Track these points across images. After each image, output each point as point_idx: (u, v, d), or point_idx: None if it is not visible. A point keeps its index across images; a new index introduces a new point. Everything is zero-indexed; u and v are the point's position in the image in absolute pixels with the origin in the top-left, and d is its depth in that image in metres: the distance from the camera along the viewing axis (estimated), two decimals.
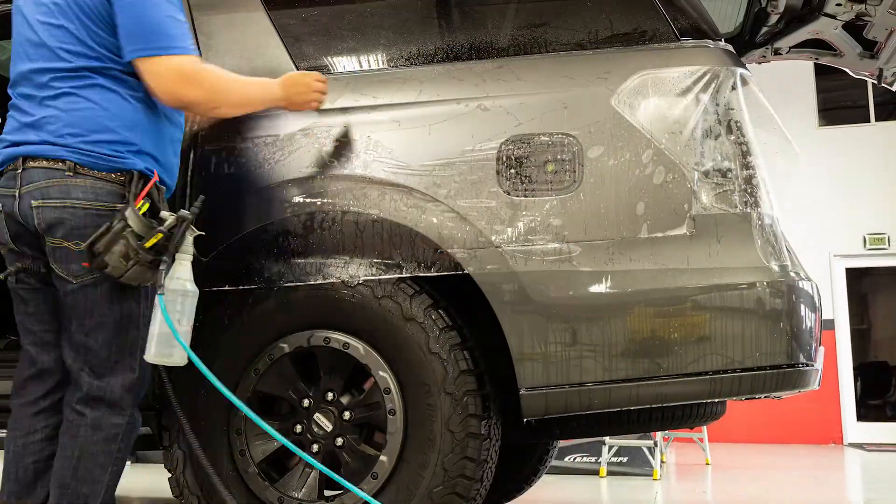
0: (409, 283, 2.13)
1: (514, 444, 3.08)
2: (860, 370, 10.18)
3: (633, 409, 2.24)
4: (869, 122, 10.47)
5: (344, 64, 2.44)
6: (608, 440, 5.81)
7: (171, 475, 2.24)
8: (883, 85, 3.25)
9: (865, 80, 3.33)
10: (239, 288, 2.18)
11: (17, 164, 1.91)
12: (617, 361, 1.99)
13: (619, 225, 2.04)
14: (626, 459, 6.05)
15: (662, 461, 6.36)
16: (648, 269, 2.01)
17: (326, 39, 2.46)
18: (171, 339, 1.84)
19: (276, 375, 2.21)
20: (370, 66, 2.41)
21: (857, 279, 10.36)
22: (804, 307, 2.04)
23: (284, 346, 2.19)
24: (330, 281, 2.13)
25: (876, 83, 3.26)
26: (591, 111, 2.11)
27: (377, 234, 2.13)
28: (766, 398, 2.17)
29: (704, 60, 2.13)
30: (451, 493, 2.04)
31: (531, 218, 2.06)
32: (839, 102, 10.73)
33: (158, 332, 1.84)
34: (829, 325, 9.86)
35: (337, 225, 2.15)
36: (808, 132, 10.22)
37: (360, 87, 2.29)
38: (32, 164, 1.89)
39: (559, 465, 5.80)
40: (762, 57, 3.28)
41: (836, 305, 10.07)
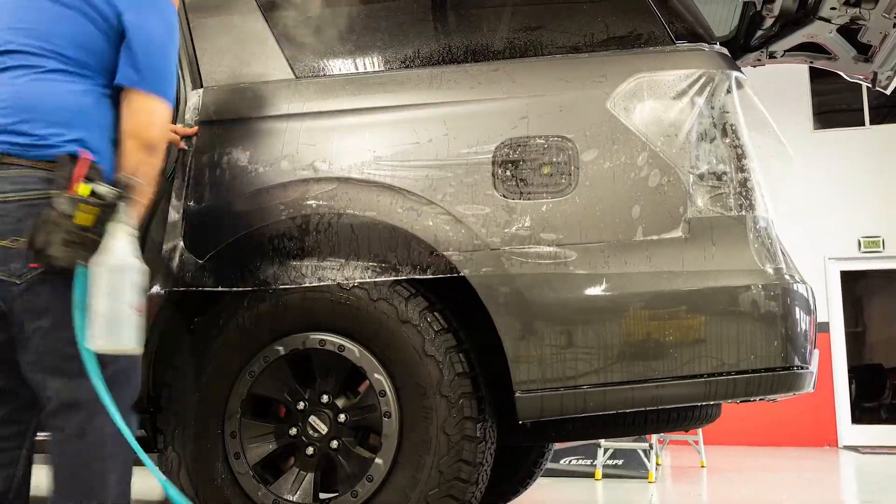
0: (404, 285, 2.13)
1: (509, 446, 3.08)
2: (855, 373, 10.19)
3: (628, 411, 2.24)
4: (863, 125, 10.50)
5: (340, 66, 2.44)
6: (603, 443, 5.81)
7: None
8: (877, 88, 3.26)
9: (860, 83, 3.34)
10: (234, 290, 2.18)
11: None
12: (612, 364, 1.99)
13: (614, 228, 2.04)
14: (621, 462, 6.06)
15: (658, 464, 6.36)
16: (644, 271, 2.01)
17: (322, 42, 2.45)
18: (118, 321, 1.64)
19: (271, 378, 2.21)
20: (366, 68, 2.41)
21: (851, 282, 10.38)
22: (799, 310, 2.04)
23: (280, 348, 2.19)
24: (325, 284, 2.13)
25: (870, 87, 3.27)
26: (586, 114, 2.12)
27: (373, 236, 2.13)
28: (761, 401, 2.17)
29: (700, 64, 2.14)
30: (446, 495, 2.04)
31: (527, 221, 2.06)
32: (834, 106, 10.75)
33: (104, 313, 1.64)
34: (823, 327, 9.88)
35: (333, 227, 2.15)
36: (803, 135, 10.24)
37: (355, 89, 2.29)
38: None
39: (554, 467, 5.80)
40: (757, 60, 3.29)
41: (830, 308, 10.09)
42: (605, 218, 2.05)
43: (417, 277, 2.10)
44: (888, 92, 3.29)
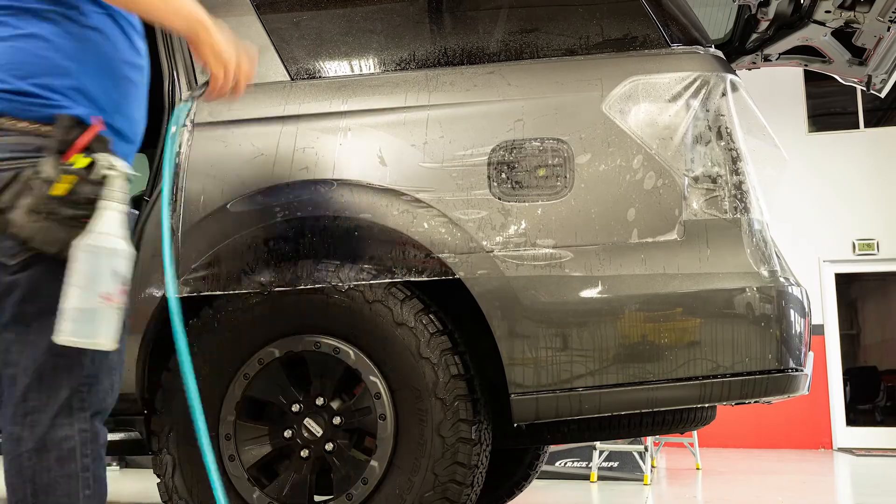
0: (399, 287, 2.13)
1: (504, 448, 3.08)
2: (849, 375, 10.22)
3: (623, 413, 2.24)
4: (858, 128, 10.54)
5: (335, 68, 2.43)
6: (599, 445, 5.82)
7: (159, 480, 2.23)
8: (872, 91, 3.27)
9: (854, 86, 3.35)
10: (230, 292, 2.17)
11: None
12: (607, 366, 1.99)
13: (609, 230, 2.05)
14: (616, 464, 6.06)
15: (653, 466, 6.37)
16: (639, 274, 2.02)
17: (318, 44, 2.45)
18: (89, 311, 1.42)
19: (266, 380, 2.20)
20: (361, 70, 2.41)
21: (846, 284, 10.42)
22: (793, 312, 2.05)
23: (275, 350, 2.18)
24: (321, 285, 2.13)
25: (865, 90, 3.28)
26: (582, 116, 2.12)
27: (368, 238, 2.13)
28: (755, 403, 2.18)
29: (695, 66, 2.14)
30: (441, 498, 2.03)
31: (522, 223, 2.06)
32: (829, 109, 10.79)
33: (75, 305, 1.42)
34: (818, 330, 9.90)
35: (328, 230, 2.15)
36: (797, 138, 10.28)
37: (351, 91, 2.29)
38: None
39: (550, 469, 5.80)
40: (752, 63, 3.30)
41: (825, 310, 10.12)
42: (600, 220, 2.05)
43: (413, 280, 2.10)
44: (882, 95, 3.30)
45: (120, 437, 2.35)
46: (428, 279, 2.07)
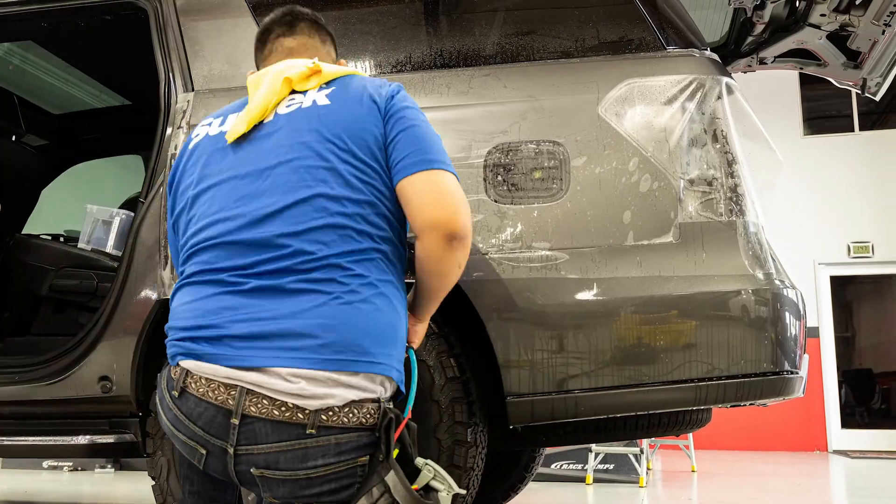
0: None
1: (500, 451, 3.07)
2: (844, 378, 10.24)
3: (619, 416, 2.24)
4: (853, 131, 10.56)
5: None
6: (594, 447, 5.81)
7: (154, 482, 2.22)
8: (866, 95, 3.27)
9: (849, 89, 3.36)
10: None
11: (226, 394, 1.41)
12: (603, 369, 1.99)
13: (605, 232, 2.05)
14: (612, 466, 6.06)
15: (648, 468, 6.37)
16: (634, 276, 2.02)
17: None
18: None
19: None
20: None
21: (841, 287, 10.43)
22: (789, 315, 2.05)
23: None
24: None
25: (860, 93, 3.28)
26: (578, 119, 2.12)
27: None
28: (751, 405, 2.18)
29: (690, 69, 2.15)
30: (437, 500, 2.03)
31: (518, 225, 2.06)
32: (824, 112, 10.82)
33: None
34: (813, 332, 9.93)
35: None
36: (792, 141, 10.30)
37: None
38: (254, 408, 1.39)
39: (545, 472, 5.80)
40: (747, 66, 3.30)
41: (820, 313, 10.14)
42: (596, 223, 2.05)
43: (408, 282, 2.09)
44: (877, 98, 3.31)
45: (114, 439, 2.34)
46: None
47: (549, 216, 2.06)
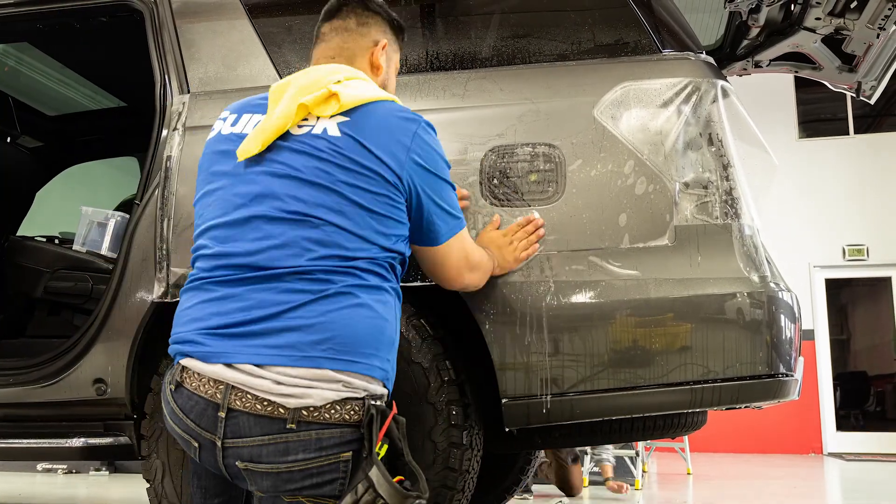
0: None
1: (495, 453, 3.07)
2: (839, 380, 10.27)
3: (614, 418, 2.24)
4: (848, 134, 10.60)
5: None
6: (590, 450, 5.82)
7: (149, 485, 2.22)
8: (861, 98, 3.28)
9: (844, 93, 3.37)
10: None
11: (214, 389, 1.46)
12: (598, 371, 1.99)
13: (601, 235, 2.05)
14: None
15: (644, 471, 6.38)
16: (630, 279, 2.02)
17: (309, 48, 2.45)
18: None
19: None
20: None
21: (836, 290, 10.46)
22: (784, 318, 2.05)
23: None
24: None
25: (854, 96, 3.29)
26: (573, 122, 2.12)
27: None
28: (746, 408, 2.18)
29: (686, 72, 2.15)
30: (433, 503, 2.03)
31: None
32: (819, 115, 10.85)
33: None
34: (808, 335, 9.95)
35: None
36: (788, 144, 10.33)
37: None
38: (239, 402, 1.44)
39: None
40: (743, 69, 3.31)
41: (815, 316, 10.17)
42: (591, 225, 2.05)
43: (404, 285, 2.09)
44: (872, 101, 3.32)
45: (109, 441, 2.34)
46: (419, 284, 2.07)
47: (544, 219, 2.06)
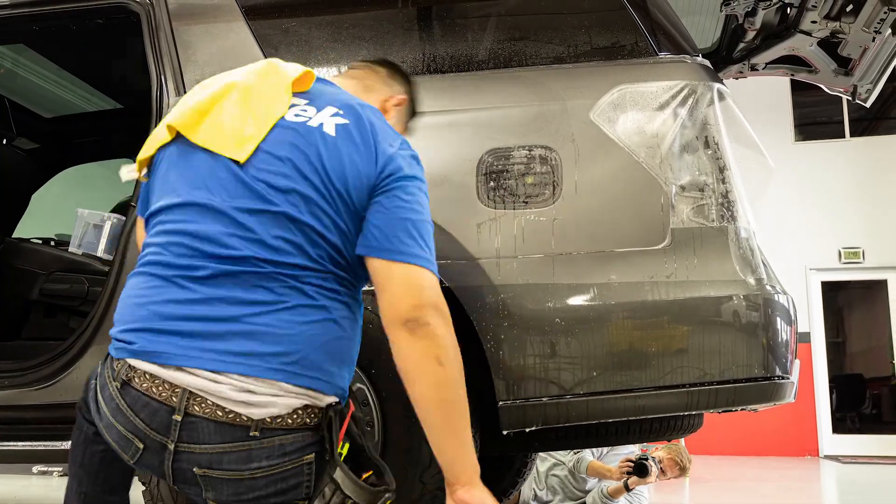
0: None
1: (492, 456, 3.07)
2: (835, 383, 10.28)
3: (611, 421, 2.24)
4: (844, 137, 10.62)
5: (323, 75, 2.42)
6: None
7: (144, 488, 2.21)
8: (857, 101, 3.29)
9: (840, 96, 3.38)
10: None
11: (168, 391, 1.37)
12: (595, 374, 1.99)
13: (597, 238, 2.05)
14: None
15: None
16: (626, 281, 2.02)
17: (306, 51, 2.45)
18: None
19: None
20: None
21: (832, 292, 10.48)
22: (780, 320, 2.06)
23: None
24: None
25: (850, 99, 3.30)
26: (570, 124, 2.12)
27: None
28: (742, 411, 2.18)
29: (682, 75, 2.15)
30: None
31: (510, 230, 2.06)
32: (815, 118, 10.87)
33: None
34: (804, 337, 9.96)
35: None
36: (784, 147, 10.35)
37: None
38: (198, 408, 1.36)
39: None
40: (739, 72, 3.32)
41: (811, 318, 10.18)
42: (587, 228, 2.06)
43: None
44: (868, 105, 3.33)
45: None
46: None
47: (541, 221, 2.06)
